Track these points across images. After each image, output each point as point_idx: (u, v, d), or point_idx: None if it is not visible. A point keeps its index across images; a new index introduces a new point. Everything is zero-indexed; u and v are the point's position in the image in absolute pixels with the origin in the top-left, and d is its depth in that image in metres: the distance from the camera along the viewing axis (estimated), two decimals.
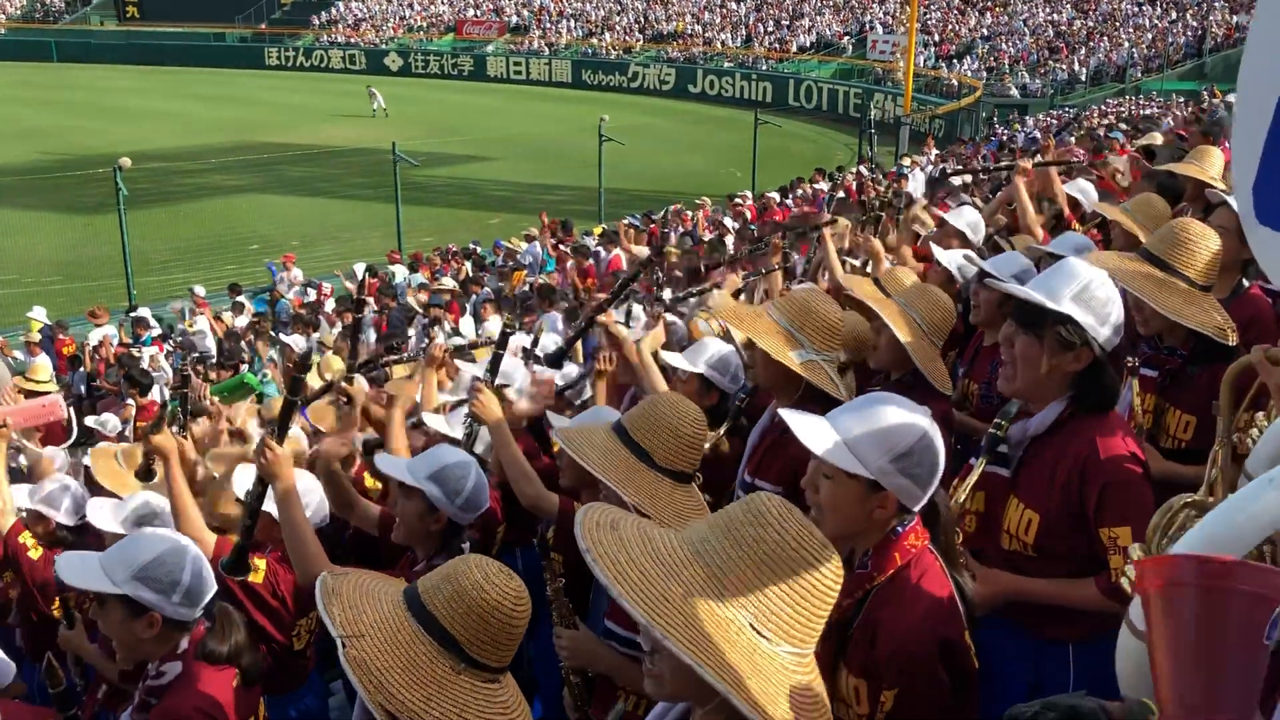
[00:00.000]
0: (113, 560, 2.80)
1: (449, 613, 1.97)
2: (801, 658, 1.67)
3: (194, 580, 2.82)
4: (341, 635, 1.93)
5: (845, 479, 2.22)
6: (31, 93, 47.87)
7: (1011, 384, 2.84)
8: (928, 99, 38.07)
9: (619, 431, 2.91)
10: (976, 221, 5.80)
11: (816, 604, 1.67)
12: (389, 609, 2.00)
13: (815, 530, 1.71)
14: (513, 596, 2.01)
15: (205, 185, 28.32)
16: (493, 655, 2.00)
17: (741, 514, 1.71)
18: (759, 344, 3.28)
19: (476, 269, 16.78)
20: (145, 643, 2.81)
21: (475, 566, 2.03)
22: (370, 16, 64.09)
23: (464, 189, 28.70)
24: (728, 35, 52.80)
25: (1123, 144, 12.31)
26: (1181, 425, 3.32)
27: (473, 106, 45.08)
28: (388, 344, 10.58)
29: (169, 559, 2.79)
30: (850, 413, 2.28)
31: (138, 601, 2.76)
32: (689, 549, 1.69)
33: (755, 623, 1.63)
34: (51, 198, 25.95)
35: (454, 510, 3.27)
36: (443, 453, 3.37)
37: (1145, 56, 38.06)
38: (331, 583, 2.06)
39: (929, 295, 3.86)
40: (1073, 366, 2.73)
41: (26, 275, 19.96)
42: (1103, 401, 2.78)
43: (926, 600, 2.21)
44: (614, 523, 1.75)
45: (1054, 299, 2.71)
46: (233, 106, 44.17)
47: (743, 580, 1.64)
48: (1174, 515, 2.00)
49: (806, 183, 20.33)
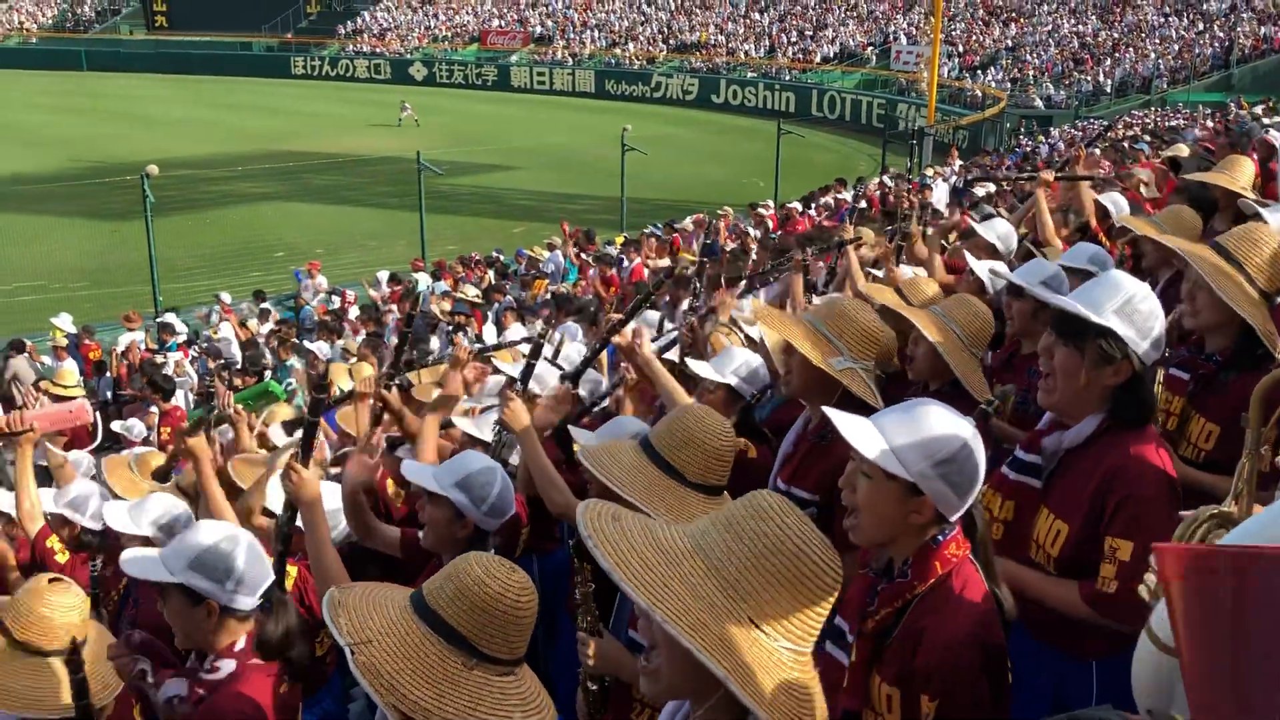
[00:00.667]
0: (171, 551, 2.90)
1: (454, 610, 2.00)
2: (799, 655, 1.67)
3: (248, 568, 2.90)
4: (349, 643, 1.96)
5: (884, 480, 2.20)
6: (62, 101, 48.47)
7: (1051, 396, 2.81)
8: (951, 110, 37.97)
9: (646, 447, 2.89)
10: (1008, 233, 5.79)
11: (816, 602, 1.67)
12: (396, 614, 2.03)
13: (815, 528, 1.71)
14: (515, 588, 2.03)
15: (231, 193, 28.55)
16: (503, 648, 2.02)
17: (743, 509, 1.72)
18: (799, 349, 3.26)
19: (499, 277, 16.83)
20: (205, 631, 2.88)
21: (475, 563, 2.06)
22: (395, 26, 64.53)
23: (487, 198, 28.82)
24: (751, 46, 52.85)
25: (1148, 155, 12.24)
26: (1204, 434, 3.28)
27: (497, 116, 45.28)
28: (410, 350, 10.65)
29: (223, 547, 2.88)
30: (895, 415, 2.27)
31: (194, 590, 2.84)
32: (690, 541, 1.70)
33: (754, 617, 1.63)
34: (80, 205, 26.21)
35: (480, 516, 3.29)
36: (468, 459, 3.39)
37: (1171, 68, 37.83)
38: (338, 595, 2.08)
39: (968, 305, 3.85)
40: (1112, 380, 2.70)
41: (54, 281, 20.16)
42: (1140, 415, 2.75)
43: (970, 610, 2.20)
44: (616, 515, 1.76)
45: (1096, 311, 2.69)
46: (259, 115, 44.54)
47: (742, 574, 1.64)
48: (1198, 527, 1.98)
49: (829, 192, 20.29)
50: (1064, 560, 2.74)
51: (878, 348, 3.39)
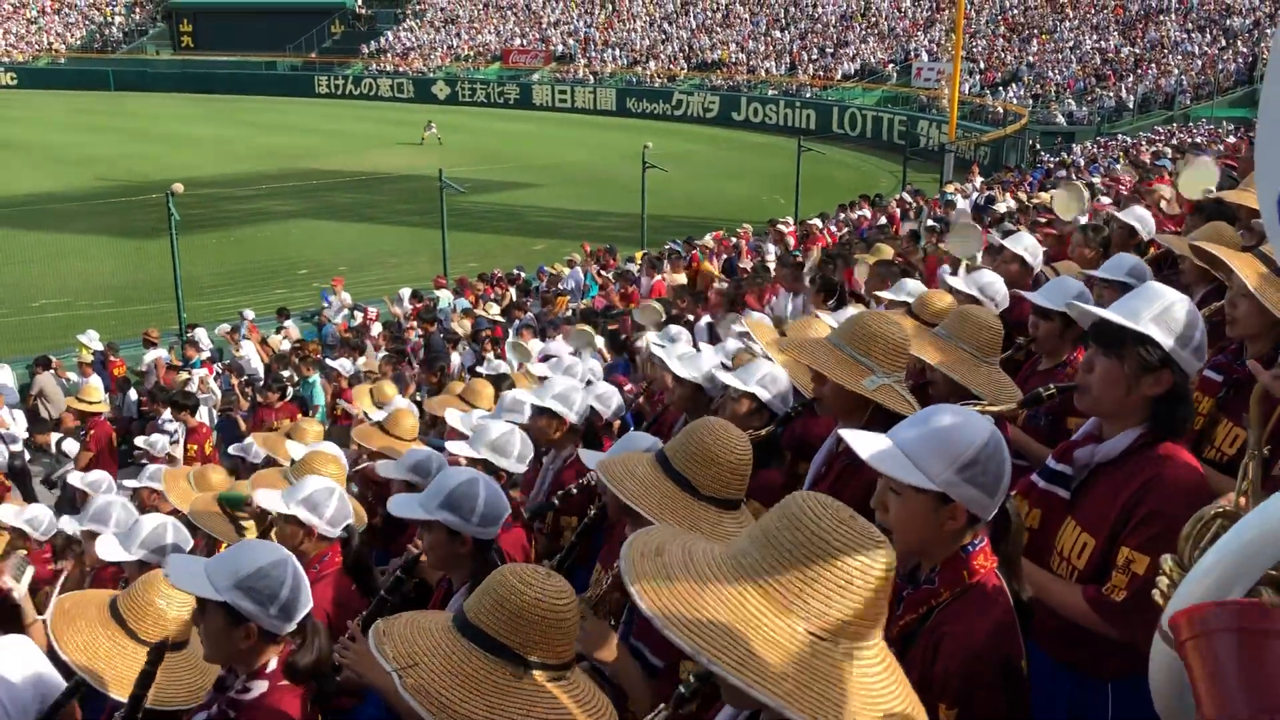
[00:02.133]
0: (217, 567, 2.84)
1: (494, 622, 2.02)
2: (868, 648, 1.64)
3: (292, 595, 2.85)
4: (396, 668, 1.98)
5: (913, 494, 2.20)
6: (89, 120, 49.07)
7: (1093, 405, 2.80)
8: (973, 126, 37.89)
9: (661, 461, 2.89)
10: (1035, 247, 5.80)
11: (872, 593, 1.64)
12: (440, 635, 2.06)
13: (855, 521, 1.68)
14: (552, 592, 2.04)
15: (256, 211, 28.77)
16: (549, 653, 2.03)
17: (777, 521, 1.69)
18: (831, 378, 3.24)
19: (520, 294, 16.90)
20: (240, 652, 2.85)
21: (510, 573, 2.07)
22: (418, 46, 65.05)
23: (509, 215, 28.94)
24: (772, 63, 52.97)
25: (1170, 172, 12.18)
26: (1229, 438, 3.26)
27: (518, 134, 45.52)
28: (429, 368, 10.69)
29: (272, 572, 2.82)
30: (911, 427, 2.27)
31: (237, 610, 2.79)
32: (732, 565, 1.67)
33: (810, 626, 1.60)
34: (106, 223, 26.48)
35: (474, 529, 3.29)
36: (446, 478, 3.39)
37: (1195, 84, 37.65)
38: (383, 626, 2.11)
39: (970, 319, 3.83)
40: (1153, 390, 2.68)
41: (80, 299, 20.36)
42: (1179, 428, 2.74)
43: (993, 620, 2.19)
44: (659, 548, 1.74)
45: (1134, 320, 2.68)
46: (283, 134, 44.95)
47: (790, 587, 1.62)
48: (1206, 524, 1.95)
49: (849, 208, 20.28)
50: (1089, 575, 2.72)
51: (906, 357, 3.39)
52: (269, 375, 13.23)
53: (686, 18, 59.75)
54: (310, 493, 3.93)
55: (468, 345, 13.30)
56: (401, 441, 5.74)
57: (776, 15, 57.13)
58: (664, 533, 1.83)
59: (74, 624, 3.24)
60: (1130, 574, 2.57)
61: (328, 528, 3.90)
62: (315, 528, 3.88)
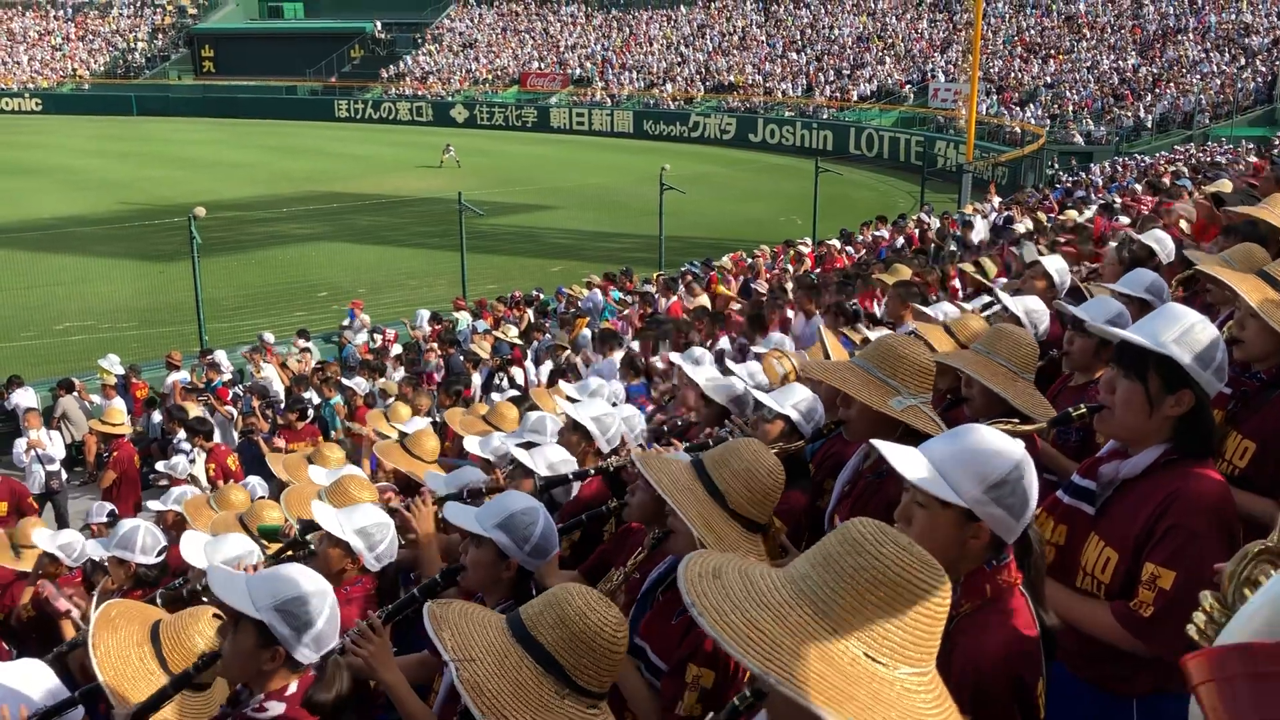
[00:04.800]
0: (259, 585, 2.83)
1: (553, 638, 2.06)
2: (922, 675, 1.65)
3: (327, 627, 2.85)
4: (455, 660, 2.03)
5: (940, 508, 2.21)
6: (112, 145, 49.60)
7: (1115, 428, 2.80)
8: (990, 146, 37.87)
9: (697, 466, 2.94)
10: (1064, 268, 5.81)
11: (928, 621, 1.66)
12: (495, 635, 2.10)
13: (914, 548, 1.69)
14: (613, 624, 2.09)
15: (276, 234, 28.99)
16: (594, 680, 2.07)
17: (838, 545, 1.70)
18: (858, 399, 3.26)
19: (539, 316, 16.94)
20: (261, 673, 2.84)
21: (577, 594, 2.11)
22: (437, 70, 65.55)
23: (527, 237, 29.06)
24: (789, 85, 53.12)
25: (1190, 191, 12.13)
26: (1240, 451, 3.24)
27: (536, 157, 45.74)
28: (447, 390, 10.73)
29: (312, 600, 2.82)
30: (944, 442, 2.28)
31: (271, 631, 2.79)
32: (792, 588, 1.68)
33: (869, 651, 1.61)
34: (129, 246, 26.71)
35: (523, 557, 3.26)
36: (510, 499, 3.38)
37: (1213, 103, 37.54)
38: (439, 610, 2.16)
39: (1007, 336, 3.86)
40: (1175, 410, 2.69)
41: (103, 321, 20.55)
42: (1203, 447, 2.74)
43: (1009, 637, 2.20)
44: (716, 570, 1.75)
45: (1155, 341, 2.68)
46: (303, 157, 45.33)
47: (850, 611, 1.63)
48: (1250, 561, 1.94)
49: (869, 228, 20.27)
50: (1115, 589, 2.71)
51: (933, 378, 3.40)
52: (289, 397, 13.30)
53: (703, 40, 60.03)
54: (368, 524, 3.90)
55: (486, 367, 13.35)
56: (423, 463, 5.75)
57: (793, 37, 57.34)
58: (717, 556, 1.83)
59: (114, 633, 3.25)
60: (1156, 589, 2.57)
61: (374, 562, 3.90)
62: (362, 558, 3.88)
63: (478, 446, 5.51)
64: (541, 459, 4.39)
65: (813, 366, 3.90)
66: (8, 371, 15.09)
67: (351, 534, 3.85)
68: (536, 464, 4.36)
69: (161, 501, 7.21)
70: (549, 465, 4.37)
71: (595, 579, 3.67)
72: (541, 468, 4.35)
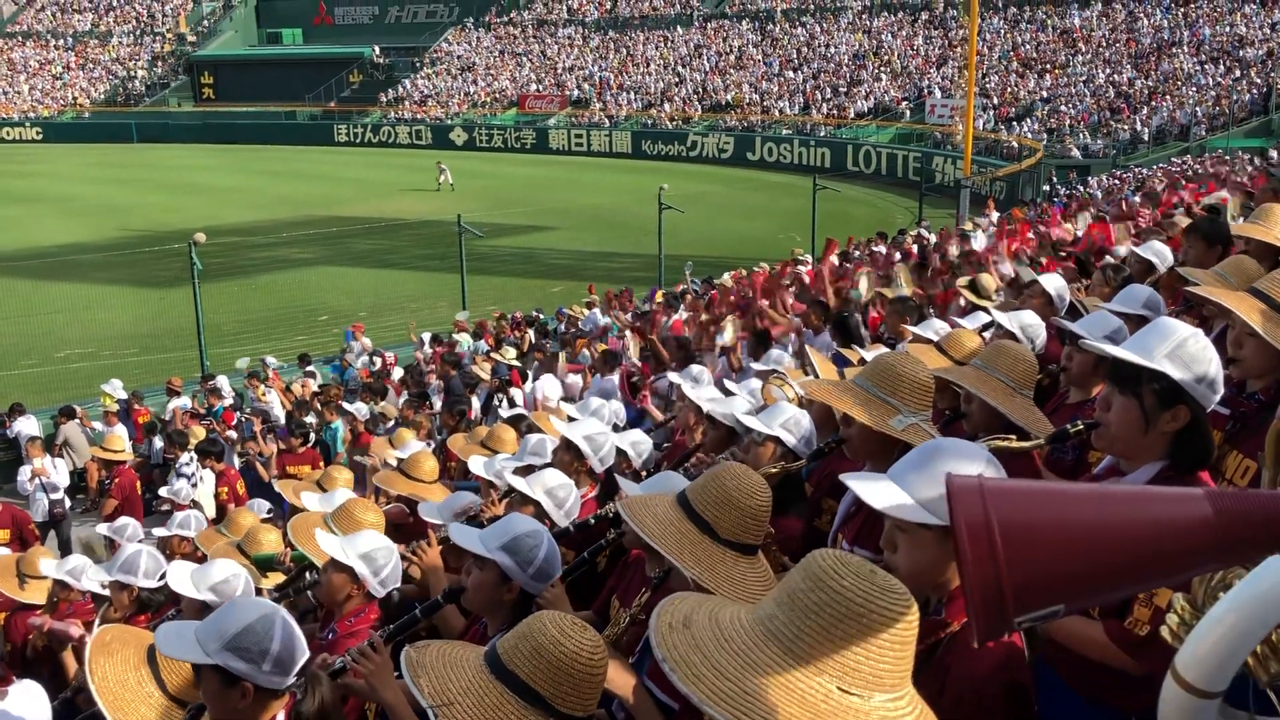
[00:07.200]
0: (206, 630, 2.82)
1: (530, 669, 2.06)
2: (898, 699, 1.66)
3: (284, 649, 2.83)
4: (432, 706, 2.02)
5: (919, 531, 2.24)
6: (113, 172, 49.83)
7: (1111, 445, 2.80)
8: (988, 161, 37.97)
9: (682, 502, 2.90)
10: (1063, 287, 5.81)
11: (898, 647, 1.66)
12: (473, 674, 2.09)
13: (875, 576, 1.69)
14: (589, 647, 2.09)
15: (276, 258, 29.06)
16: (577, 706, 2.08)
17: (800, 581, 1.71)
18: (858, 418, 3.24)
19: (539, 336, 16.96)
20: (239, 711, 2.82)
21: (550, 622, 2.11)
22: (436, 93, 65.83)
23: (526, 258, 29.13)
24: (786, 103, 53.30)
25: (1189, 202, 12.16)
26: (1241, 470, 3.24)
27: (535, 178, 45.91)
28: (449, 411, 10.72)
29: (259, 628, 2.80)
30: (910, 465, 2.30)
31: (229, 671, 2.77)
32: (761, 630, 1.69)
33: (842, 685, 1.62)
34: (130, 273, 26.79)
35: (526, 580, 3.25)
36: (514, 523, 3.38)
37: (1209, 115, 37.65)
38: (415, 655, 2.15)
39: (1006, 352, 3.87)
40: (1170, 426, 2.68)
41: (105, 348, 20.58)
42: (1199, 462, 2.73)
43: (998, 650, 2.21)
44: (686, 619, 1.76)
45: (1148, 356, 2.68)
46: (303, 182, 45.49)
47: (818, 647, 1.63)
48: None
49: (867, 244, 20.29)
50: (1109, 608, 2.69)
51: (932, 396, 3.40)
52: (291, 421, 13.30)
53: (700, 60, 60.28)
54: (372, 549, 3.88)
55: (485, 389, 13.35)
56: (424, 485, 5.74)
57: (789, 56, 57.57)
58: (689, 601, 1.84)
59: (111, 656, 3.24)
60: (1153, 607, 2.56)
61: (378, 587, 3.89)
62: (367, 583, 3.87)
63: (482, 468, 5.54)
64: (539, 484, 4.38)
65: (813, 386, 3.90)
66: (10, 399, 15.12)
67: (355, 559, 3.84)
68: (534, 490, 4.34)
69: (165, 527, 7.21)
70: (546, 489, 4.35)
71: (607, 615, 3.68)
72: (539, 494, 4.34)
